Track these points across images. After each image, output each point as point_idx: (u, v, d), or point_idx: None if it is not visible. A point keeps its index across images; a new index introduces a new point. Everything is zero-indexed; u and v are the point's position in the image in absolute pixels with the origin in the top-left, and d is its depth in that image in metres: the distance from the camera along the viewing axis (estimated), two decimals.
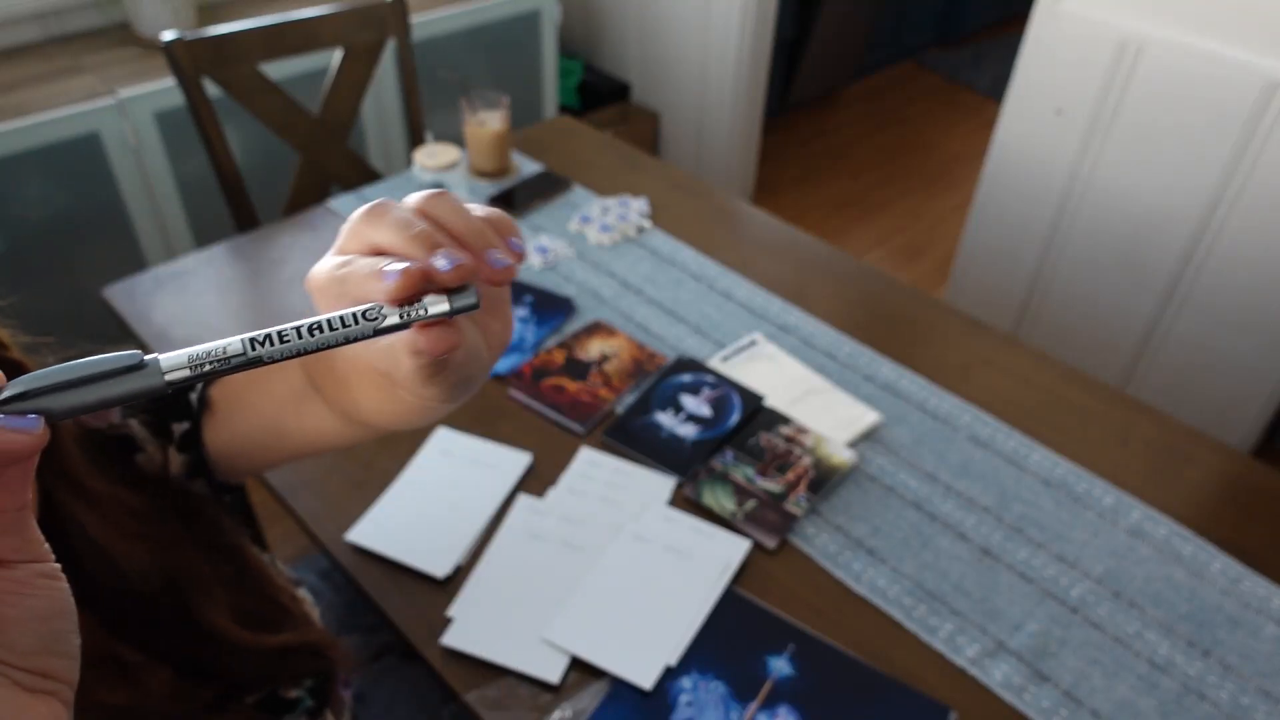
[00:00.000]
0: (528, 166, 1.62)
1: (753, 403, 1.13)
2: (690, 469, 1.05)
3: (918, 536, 0.99)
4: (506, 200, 1.52)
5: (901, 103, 3.80)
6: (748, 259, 1.41)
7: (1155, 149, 1.79)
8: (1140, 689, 0.86)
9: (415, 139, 1.82)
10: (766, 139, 3.31)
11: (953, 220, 3.05)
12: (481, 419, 1.11)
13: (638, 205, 1.51)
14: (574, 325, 1.27)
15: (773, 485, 1.03)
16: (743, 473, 1.04)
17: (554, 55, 2.63)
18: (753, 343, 1.24)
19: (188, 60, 1.49)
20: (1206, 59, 1.66)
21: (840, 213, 3.09)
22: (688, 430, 1.10)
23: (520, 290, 1.32)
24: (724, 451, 1.07)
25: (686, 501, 1.02)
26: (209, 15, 2.13)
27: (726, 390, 1.15)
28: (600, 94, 2.92)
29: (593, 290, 1.33)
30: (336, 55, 1.66)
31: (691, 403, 1.13)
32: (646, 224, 1.48)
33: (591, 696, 0.82)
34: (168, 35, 1.48)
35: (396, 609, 0.90)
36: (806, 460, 1.06)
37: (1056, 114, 1.91)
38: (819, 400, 1.15)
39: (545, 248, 1.41)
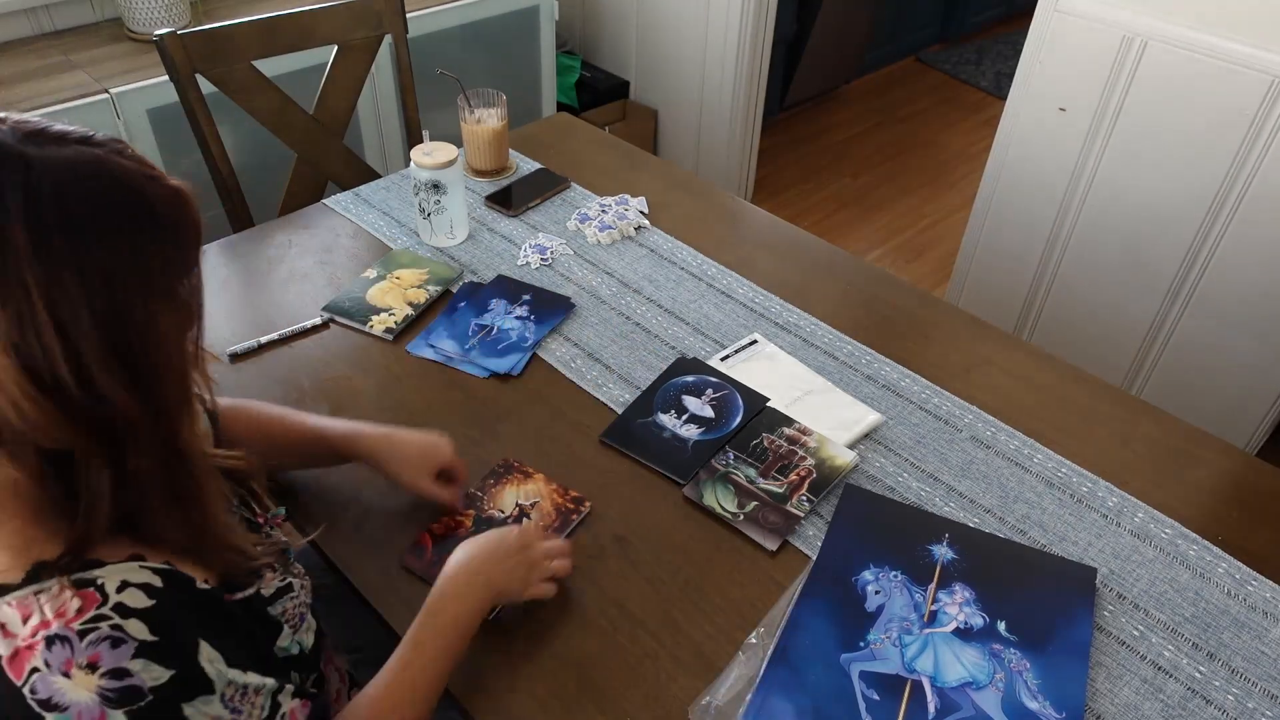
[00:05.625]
0: (525, 165, 1.61)
1: (756, 404, 1.12)
2: (691, 471, 1.04)
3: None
4: (504, 198, 1.51)
5: (902, 101, 3.78)
6: (747, 258, 1.40)
7: (1159, 146, 1.78)
8: (1145, 692, 0.84)
9: (412, 137, 1.81)
10: (766, 138, 3.30)
11: (954, 219, 3.03)
12: (479, 420, 1.10)
13: (636, 204, 1.50)
14: (573, 323, 1.25)
15: (774, 486, 1.02)
16: (744, 474, 1.03)
17: (552, 52, 2.62)
18: (753, 342, 1.23)
19: (181, 56, 1.48)
20: (1211, 55, 1.65)
21: (840, 212, 3.08)
22: (689, 431, 1.08)
23: (519, 289, 1.30)
24: (725, 452, 1.06)
25: (688, 503, 1.01)
26: (203, 11, 2.11)
27: (729, 392, 1.14)
28: (599, 91, 2.90)
29: (591, 289, 1.32)
30: (332, 52, 1.64)
31: (694, 404, 1.12)
32: (645, 223, 1.46)
33: (787, 601, 0.90)
34: (161, 31, 1.46)
35: (391, 607, 0.89)
36: (809, 462, 1.05)
37: (1060, 111, 1.89)
38: (819, 400, 1.14)
39: (543, 247, 1.40)
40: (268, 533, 0.81)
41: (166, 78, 1.51)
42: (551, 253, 1.39)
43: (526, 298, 1.29)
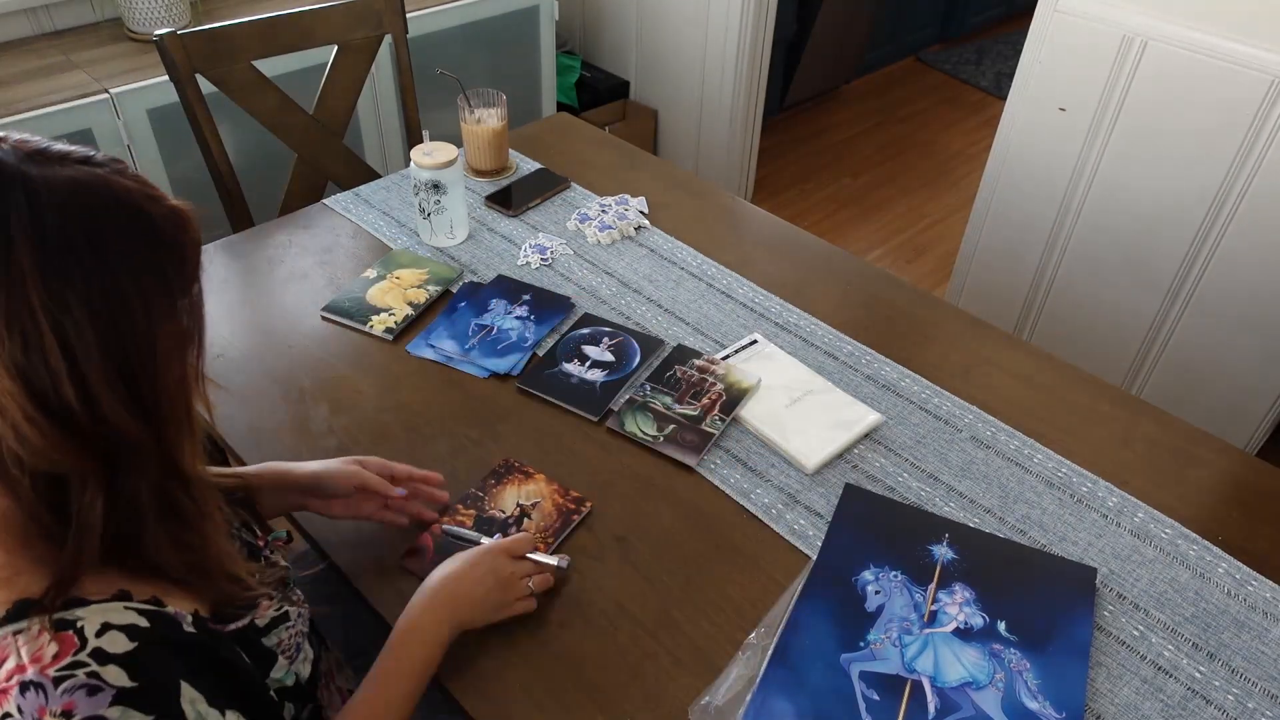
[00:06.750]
0: (525, 165, 1.61)
1: (652, 345, 1.22)
2: (603, 408, 1.12)
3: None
4: (504, 198, 1.51)
5: (902, 101, 3.78)
6: (747, 258, 1.40)
7: (1160, 146, 1.78)
8: (1145, 692, 0.84)
9: (412, 137, 1.81)
10: (766, 137, 3.29)
11: (954, 219, 3.03)
12: (479, 420, 1.10)
13: (636, 204, 1.50)
14: (569, 323, 1.25)
15: (690, 410, 1.12)
16: (661, 402, 1.13)
17: (552, 52, 2.62)
18: (753, 342, 1.23)
19: (181, 56, 1.48)
20: (1211, 54, 1.65)
21: (840, 212, 3.08)
22: (595, 375, 1.17)
23: (518, 289, 1.30)
24: (643, 385, 1.15)
25: (610, 432, 1.08)
26: (203, 11, 2.11)
27: (625, 337, 1.23)
28: (599, 91, 2.90)
29: (591, 289, 1.32)
30: (332, 52, 1.64)
31: (594, 351, 1.21)
32: (645, 223, 1.46)
33: (787, 601, 0.91)
34: (161, 31, 1.46)
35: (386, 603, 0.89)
36: (719, 387, 1.14)
37: (1060, 111, 1.89)
38: (819, 400, 1.14)
39: (543, 247, 1.40)
40: (267, 557, 0.79)
41: (166, 78, 1.51)
42: (551, 253, 1.39)
43: (526, 298, 1.29)
